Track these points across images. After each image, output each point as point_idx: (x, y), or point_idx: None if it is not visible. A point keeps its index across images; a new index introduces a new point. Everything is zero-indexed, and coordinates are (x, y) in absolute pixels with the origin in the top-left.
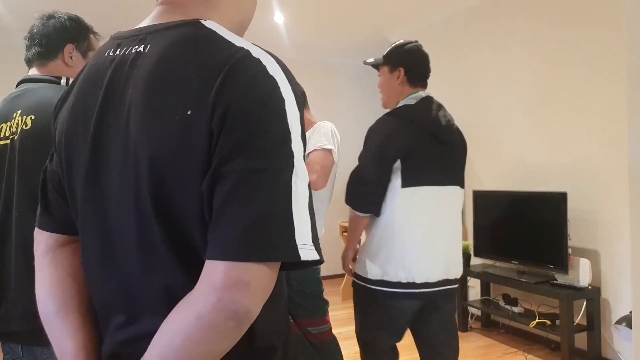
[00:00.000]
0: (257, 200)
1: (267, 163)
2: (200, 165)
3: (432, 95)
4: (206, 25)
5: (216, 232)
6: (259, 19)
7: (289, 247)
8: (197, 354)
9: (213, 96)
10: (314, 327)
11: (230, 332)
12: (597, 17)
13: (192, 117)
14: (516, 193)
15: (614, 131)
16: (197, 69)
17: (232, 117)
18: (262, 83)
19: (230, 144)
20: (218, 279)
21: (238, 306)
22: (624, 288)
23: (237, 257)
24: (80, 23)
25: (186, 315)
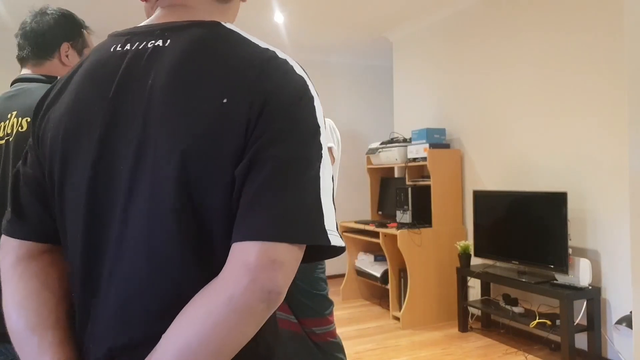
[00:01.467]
0: (293, 186)
1: (302, 153)
2: (234, 152)
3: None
4: (228, 27)
5: (250, 215)
6: (259, 19)
7: (320, 232)
8: (227, 340)
9: (250, 88)
10: (319, 327)
11: (260, 315)
12: (597, 18)
13: (228, 105)
14: (516, 193)
15: (614, 131)
16: (231, 62)
17: (271, 108)
18: (295, 80)
19: (269, 133)
20: (253, 259)
21: (273, 286)
22: (624, 288)
23: (274, 238)
24: (74, 19)
25: (216, 298)
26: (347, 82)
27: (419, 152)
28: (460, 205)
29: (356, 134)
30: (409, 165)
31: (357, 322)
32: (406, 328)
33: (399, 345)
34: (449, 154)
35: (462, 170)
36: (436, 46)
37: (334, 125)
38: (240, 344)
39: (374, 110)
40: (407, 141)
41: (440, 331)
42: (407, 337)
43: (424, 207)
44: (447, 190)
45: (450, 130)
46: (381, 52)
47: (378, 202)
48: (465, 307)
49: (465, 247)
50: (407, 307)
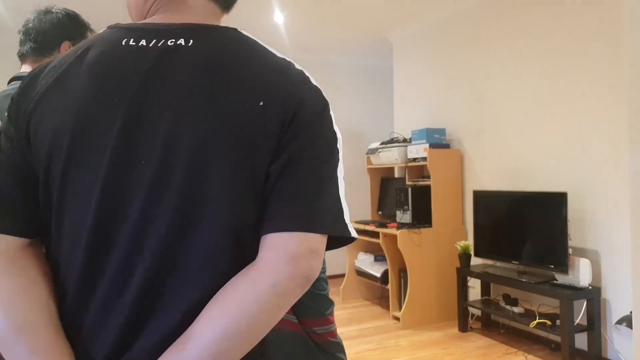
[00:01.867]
0: (324, 186)
1: (328, 157)
2: (268, 151)
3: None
4: (245, 34)
5: (289, 209)
6: (259, 19)
7: (342, 225)
8: (269, 321)
9: (284, 93)
10: (319, 327)
11: (296, 298)
12: (596, 18)
13: (264, 107)
14: (516, 193)
15: (614, 131)
16: (260, 68)
17: (303, 114)
18: (316, 90)
19: (302, 138)
20: (294, 248)
21: (311, 272)
22: (624, 288)
23: (311, 229)
24: (78, 20)
25: (261, 285)
26: (347, 82)
27: (419, 152)
28: (460, 205)
29: (356, 134)
30: (409, 165)
31: (357, 322)
32: (406, 328)
33: (399, 345)
34: (449, 154)
35: (462, 170)
36: (436, 46)
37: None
38: (275, 323)
39: (374, 110)
40: (407, 141)
41: (440, 331)
42: (407, 337)
43: (424, 207)
44: (447, 190)
45: (450, 131)
46: (381, 52)
47: (378, 202)
48: (465, 307)
49: (465, 247)
50: (407, 307)
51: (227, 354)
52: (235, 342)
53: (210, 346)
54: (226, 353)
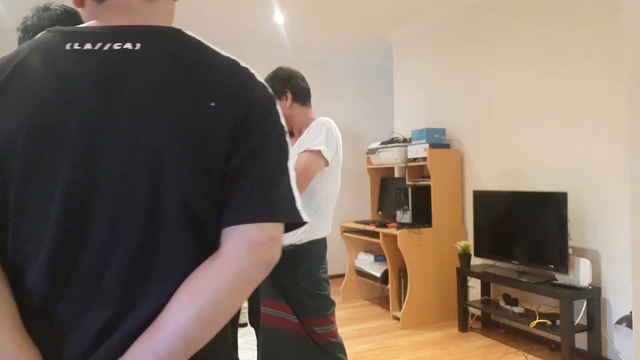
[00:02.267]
0: (277, 178)
1: (279, 149)
2: (223, 149)
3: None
4: (189, 34)
5: (246, 203)
6: (259, 19)
7: (296, 211)
8: (235, 305)
9: (234, 92)
10: (320, 327)
11: (258, 283)
12: (596, 18)
13: (215, 108)
14: (516, 193)
15: (614, 131)
16: (208, 68)
17: (255, 111)
18: (263, 86)
19: (254, 134)
20: (255, 238)
21: (272, 258)
22: (624, 288)
23: (270, 219)
24: (77, 17)
25: (225, 273)
26: (347, 82)
27: (419, 152)
28: (460, 205)
29: (356, 134)
30: (409, 165)
31: (357, 322)
32: (406, 328)
33: (399, 345)
34: (448, 154)
35: (462, 170)
36: (436, 46)
37: (330, 125)
38: (239, 308)
39: (374, 110)
40: (407, 141)
41: (441, 331)
42: (407, 337)
43: (424, 207)
44: (447, 190)
45: (450, 130)
46: (381, 52)
47: (378, 202)
48: (465, 307)
49: (465, 247)
50: (407, 307)
51: (196, 339)
52: (204, 328)
53: (180, 333)
54: (196, 338)
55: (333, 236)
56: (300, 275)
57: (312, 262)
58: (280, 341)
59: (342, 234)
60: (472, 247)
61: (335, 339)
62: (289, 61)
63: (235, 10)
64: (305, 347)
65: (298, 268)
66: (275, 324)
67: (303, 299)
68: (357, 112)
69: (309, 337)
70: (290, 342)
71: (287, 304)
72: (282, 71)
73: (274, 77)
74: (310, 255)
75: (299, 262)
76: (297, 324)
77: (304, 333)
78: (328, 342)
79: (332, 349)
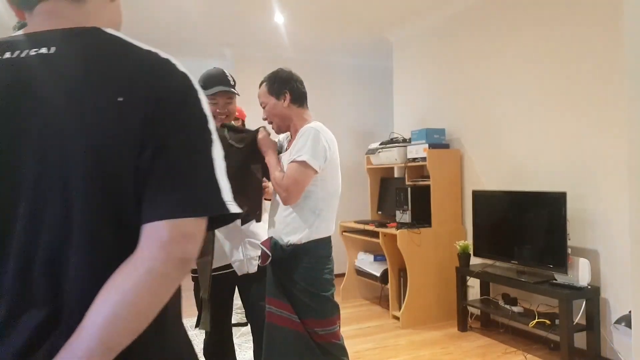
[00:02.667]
0: (192, 170)
1: (196, 140)
2: (135, 144)
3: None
4: (108, 31)
5: (158, 198)
6: (259, 20)
7: (219, 203)
8: (150, 305)
9: (143, 86)
10: (321, 328)
11: (176, 280)
12: (596, 18)
13: (123, 103)
14: (516, 193)
15: (613, 131)
16: (120, 64)
17: (164, 103)
18: (180, 76)
19: (165, 126)
20: (166, 235)
21: (186, 255)
22: (623, 288)
23: (181, 214)
24: None
25: (137, 272)
26: (347, 82)
27: (418, 152)
28: (459, 205)
29: (356, 134)
30: (409, 166)
31: (356, 321)
32: (406, 327)
33: (398, 345)
34: (448, 154)
35: (462, 170)
36: (436, 46)
37: (318, 131)
38: (160, 306)
39: (374, 111)
40: (406, 141)
41: (440, 331)
42: (406, 337)
43: (423, 207)
44: (447, 190)
45: (450, 131)
46: (381, 52)
47: (378, 202)
48: (465, 307)
49: (465, 247)
50: (406, 306)
51: (114, 339)
52: (120, 328)
53: (96, 333)
54: (113, 338)
55: (333, 236)
56: (300, 275)
57: (312, 262)
58: (283, 340)
59: (342, 233)
60: (471, 246)
61: (337, 340)
62: (289, 61)
63: (235, 11)
64: (307, 347)
65: (297, 268)
66: (278, 322)
67: (303, 298)
68: (357, 112)
69: (310, 337)
70: (292, 342)
71: (289, 303)
72: (283, 72)
73: (275, 76)
74: (310, 255)
75: (299, 262)
76: (299, 324)
77: (306, 333)
78: (329, 343)
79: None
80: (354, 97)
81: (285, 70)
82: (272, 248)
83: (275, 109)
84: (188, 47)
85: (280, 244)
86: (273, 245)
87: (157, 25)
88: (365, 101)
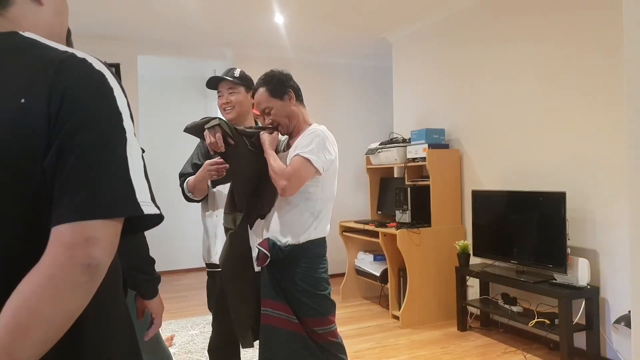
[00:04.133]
0: (99, 169)
1: (104, 139)
2: (40, 146)
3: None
4: (25, 35)
5: (62, 200)
6: (259, 20)
7: (131, 204)
8: (54, 313)
9: (48, 86)
10: (320, 327)
11: (84, 287)
12: (596, 18)
13: (26, 104)
14: (515, 193)
15: (612, 131)
16: (26, 64)
17: (69, 102)
18: (92, 74)
19: (70, 125)
20: (68, 239)
21: (90, 260)
22: (622, 287)
23: (84, 217)
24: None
25: (39, 277)
26: (346, 83)
27: (418, 152)
28: (459, 205)
29: (356, 134)
30: (409, 166)
31: (356, 321)
32: (405, 327)
33: (398, 344)
34: (448, 154)
35: (461, 170)
36: (435, 47)
37: (328, 135)
38: (71, 313)
39: (373, 111)
40: (406, 141)
41: (440, 330)
42: (406, 336)
43: (423, 207)
44: (446, 190)
45: (450, 131)
46: (381, 52)
47: (377, 202)
48: (464, 306)
49: (464, 247)
50: (406, 306)
51: (15, 345)
52: (20, 334)
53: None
54: (14, 345)
55: (333, 235)
56: (299, 275)
57: (310, 261)
58: (281, 341)
59: (342, 233)
60: (471, 246)
61: (336, 339)
62: (289, 62)
63: (235, 11)
64: (306, 347)
65: (296, 268)
66: (276, 324)
67: (302, 298)
68: (357, 113)
69: (309, 337)
70: (290, 343)
71: (287, 305)
72: (276, 73)
73: (270, 79)
74: (307, 256)
75: (297, 263)
76: (298, 324)
77: (305, 333)
78: (328, 342)
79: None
80: (353, 98)
81: (275, 71)
82: (271, 249)
83: (283, 110)
84: (188, 47)
85: (279, 245)
86: (271, 246)
87: (157, 25)
88: (365, 101)
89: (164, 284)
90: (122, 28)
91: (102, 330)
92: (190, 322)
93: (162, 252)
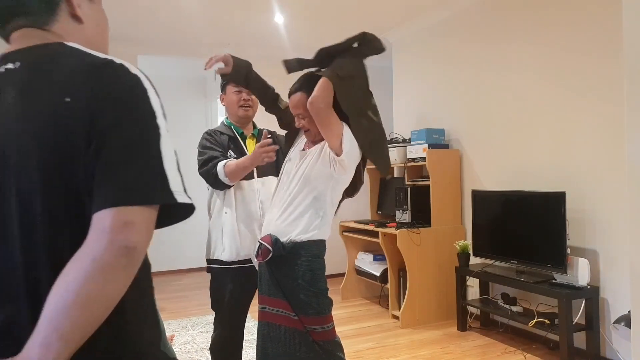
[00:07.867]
0: (135, 160)
1: (139, 134)
2: (84, 139)
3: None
4: (68, 44)
5: (103, 188)
6: (259, 20)
7: (165, 193)
8: (96, 295)
9: (90, 87)
10: (319, 326)
11: (123, 270)
12: (596, 18)
13: (70, 103)
14: (515, 193)
15: (612, 131)
16: (70, 70)
17: (108, 101)
18: (128, 76)
19: (109, 122)
20: (107, 224)
21: (129, 242)
22: (622, 287)
23: (122, 202)
24: None
25: (81, 262)
26: None
27: (418, 152)
28: (459, 205)
29: None
30: (408, 166)
31: (356, 321)
32: (405, 327)
33: (398, 344)
34: (448, 154)
35: (461, 170)
36: (436, 47)
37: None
38: (113, 295)
39: None
40: (406, 141)
41: (439, 330)
42: (406, 336)
43: (423, 207)
44: (446, 190)
45: (449, 131)
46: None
47: (377, 202)
48: (464, 306)
49: (464, 247)
50: (406, 306)
51: (67, 327)
52: (70, 317)
53: (49, 324)
54: (66, 327)
55: (333, 235)
56: (298, 272)
57: (309, 260)
58: (279, 338)
59: (342, 233)
60: (470, 246)
61: (334, 337)
62: None
63: (235, 12)
64: (306, 343)
65: (296, 265)
66: (274, 321)
67: (301, 296)
68: None
69: (309, 335)
70: (289, 339)
71: (286, 301)
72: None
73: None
74: (307, 254)
75: (297, 260)
76: (297, 321)
77: (304, 329)
78: (326, 340)
79: (330, 348)
80: None
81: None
82: (273, 244)
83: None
84: (188, 47)
85: (281, 241)
86: (274, 242)
87: (157, 25)
88: None
89: (164, 284)
90: (122, 28)
91: (142, 314)
92: (190, 322)
93: (162, 252)
